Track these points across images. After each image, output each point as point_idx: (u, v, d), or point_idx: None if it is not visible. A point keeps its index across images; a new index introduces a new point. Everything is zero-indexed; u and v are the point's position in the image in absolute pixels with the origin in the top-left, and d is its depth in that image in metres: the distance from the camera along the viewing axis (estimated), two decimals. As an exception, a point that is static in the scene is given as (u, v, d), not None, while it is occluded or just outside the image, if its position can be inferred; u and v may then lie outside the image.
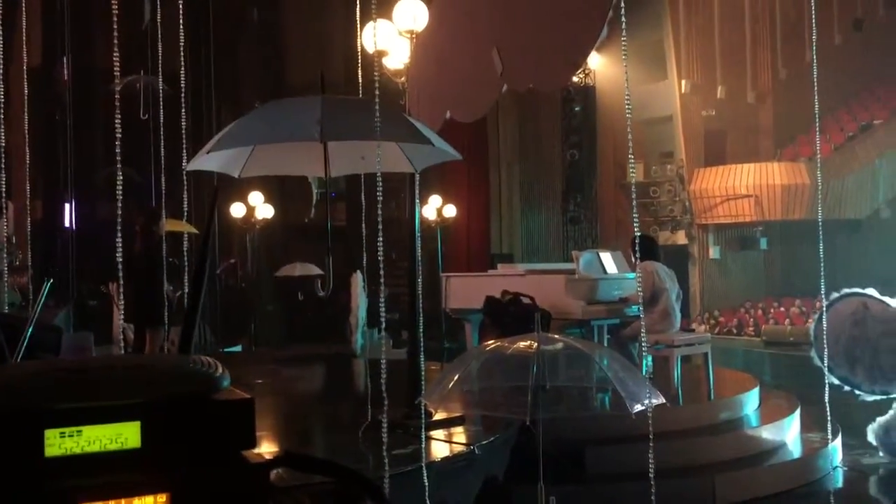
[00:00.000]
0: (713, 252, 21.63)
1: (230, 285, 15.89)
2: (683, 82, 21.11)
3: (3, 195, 5.70)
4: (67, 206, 13.17)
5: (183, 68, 6.13)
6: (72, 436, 0.94)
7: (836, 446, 6.91)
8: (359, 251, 6.14)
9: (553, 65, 3.80)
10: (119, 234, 4.23)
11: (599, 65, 19.22)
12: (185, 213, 6.62)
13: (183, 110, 6.11)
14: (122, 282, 5.31)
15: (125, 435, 0.96)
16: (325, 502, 1.23)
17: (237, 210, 14.67)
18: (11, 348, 1.46)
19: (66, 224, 13.26)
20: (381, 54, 6.18)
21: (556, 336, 4.91)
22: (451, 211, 16.37)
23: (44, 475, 0.93)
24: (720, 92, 21.65)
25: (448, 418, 5.69)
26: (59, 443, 0.93)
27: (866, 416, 7.26)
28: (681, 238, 21.34)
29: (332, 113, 4.17)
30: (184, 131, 6.03)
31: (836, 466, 6.84)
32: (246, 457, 1.02)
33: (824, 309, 6.71)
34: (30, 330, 1.55)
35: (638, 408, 3.87)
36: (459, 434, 5.69)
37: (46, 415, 0.93)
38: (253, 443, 1.03)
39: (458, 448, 5.37)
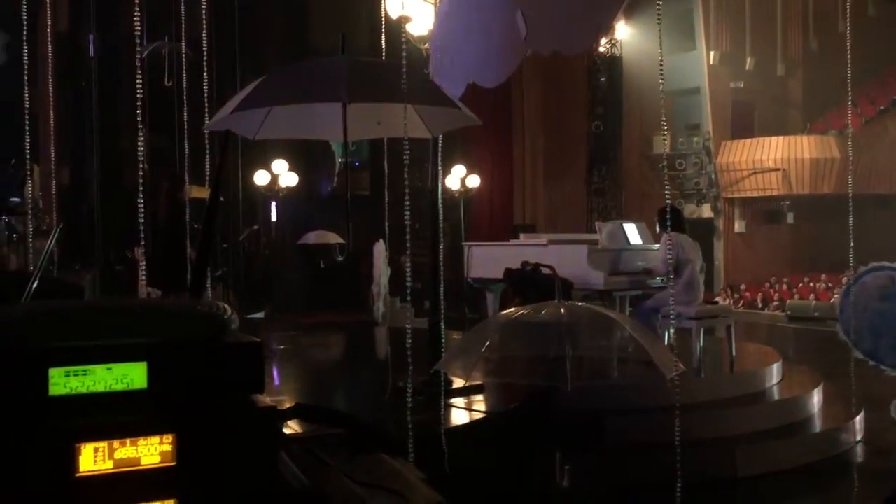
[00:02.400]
0: (738, 226, 21.41)
1: (253, 252, 15.97)
2: (712, 53, 20.78)
3: (28, 160, 5.72)
4: (94, 171, 13.26)
5: (206, 33, 6.10)
6: (77, 375, 0.92)
7: (858, 421, 6.84)
8: (381, 220, 6.11)
9: (578, 28, 3.72)
10: (142, 200, 4.22)
11: (626, 35, 18.97)
12: (209, 180, 6.63)
13: (205, 75, 6.09)
14: (144, 247, 5.33)
15: (131, 376, 0.94)
16: (338, 453, 1.21)
17: (261, 178, 14.68)
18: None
19: (93, 189, 13.36)
20: (404, 20, 6.12)
21: (580, 304, 4.87)
22: (474, 181, 16.31)
23: (47, 414, 0.91)
24: (749, 63, 21.30)
25: (467, 386, 5.69)
26: (63, 382, 0.91)
27: (890, 392, 7.18)
28: (706, 211, 21.14)
29: (359, 74, 4.11)
30: (206, 97, 6.01)
31: (858, 441, 6.78)
32: (255, 400, 1.00)
33: (852, 282, 6.61)
34: (39, 272, 1.54)
35: (669, 374, 3.85)
36: (479, 402, 5.69)
37: (51, 353, 0.91)
38: (261, 387, 1.01)
39: (477, 415, 5.37)
